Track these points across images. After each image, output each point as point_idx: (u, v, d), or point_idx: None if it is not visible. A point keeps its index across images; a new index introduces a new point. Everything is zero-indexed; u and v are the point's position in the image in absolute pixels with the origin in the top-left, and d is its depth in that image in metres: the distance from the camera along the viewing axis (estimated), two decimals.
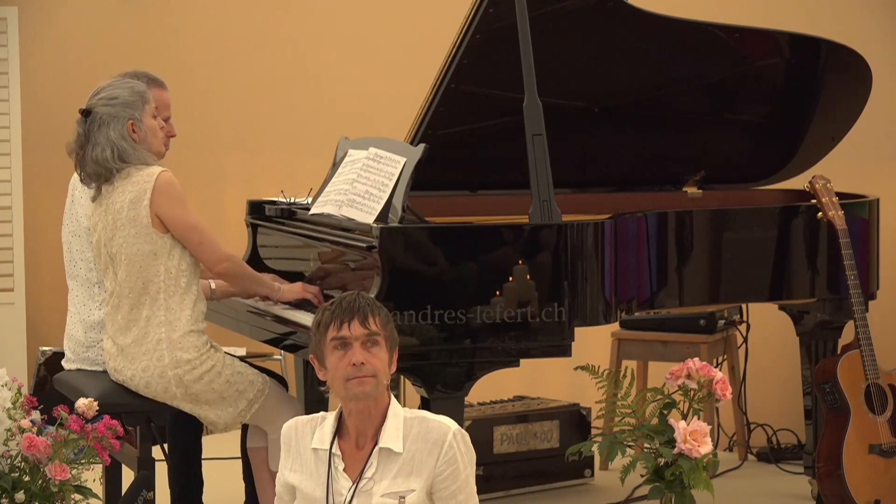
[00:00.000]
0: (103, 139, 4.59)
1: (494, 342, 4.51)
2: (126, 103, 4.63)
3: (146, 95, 4.67)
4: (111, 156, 4.57)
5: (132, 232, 4.55)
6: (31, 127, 6.94)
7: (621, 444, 4.38)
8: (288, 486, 3.60)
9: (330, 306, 3.55)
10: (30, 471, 3.98)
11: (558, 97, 5.26)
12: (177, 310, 4.55)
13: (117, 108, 4.61)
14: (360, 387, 3.49)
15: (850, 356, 5.20)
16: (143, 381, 4.55)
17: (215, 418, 4.63)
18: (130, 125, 4.61)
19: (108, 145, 4.58)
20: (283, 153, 7.21)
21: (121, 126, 4.60)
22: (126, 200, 4.55)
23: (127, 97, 4.64)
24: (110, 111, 4.61)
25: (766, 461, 6.39)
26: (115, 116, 4.60)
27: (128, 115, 4.61)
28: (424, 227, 4.64)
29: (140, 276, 4.54)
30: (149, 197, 4.53)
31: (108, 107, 4.61)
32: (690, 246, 5.08)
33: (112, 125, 4.60)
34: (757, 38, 5.61)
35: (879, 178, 6.52)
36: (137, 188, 4.54)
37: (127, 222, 4.55)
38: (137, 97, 4.65)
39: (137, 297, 4.56)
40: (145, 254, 4.54)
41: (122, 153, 4.58)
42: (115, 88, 4.65)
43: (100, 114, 4.61)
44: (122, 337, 4.59)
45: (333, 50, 7.21)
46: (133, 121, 4.61)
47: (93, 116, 4.61)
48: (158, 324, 4.54)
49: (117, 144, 4.58)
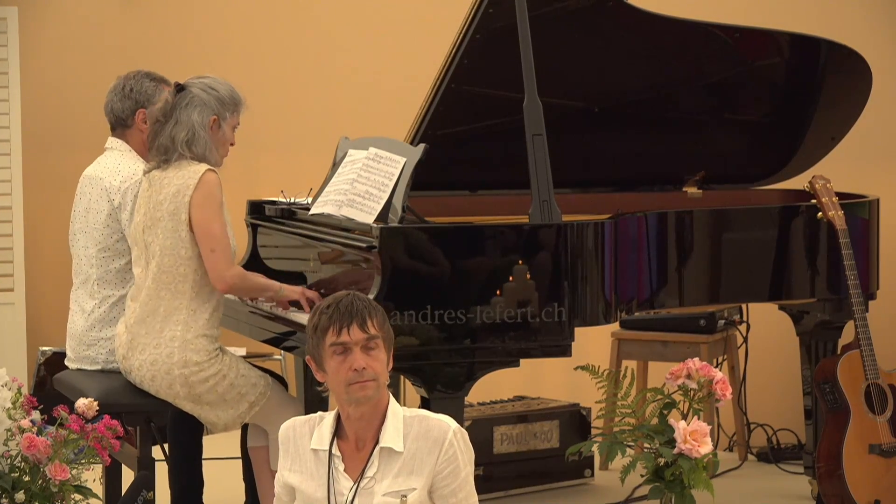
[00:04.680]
0: (186, 118, 4.60)
1: (494, 342, 4.51)
2: (221, 100, 4.65)
3: (240, 105, 4.71)
4: (184, 138, 4.58)
5: (170, 226, 4.56)
6: (31, 127, 6.93)
7: (621, 444, 4.38)
8: (287, 486, 3.60)
9: (326, 309, 3.50)
10: (30, 471, 3.97)
11: (558, 97, 5.26)
12: (197, 312, 4.57)
13: (212, 99, 4.63)
14: (362, 391, 3.48)
15: (850, 356, 5.20)
16: (148, 374, 4.56)
17: (215, 419, 4.63)
18: (214, 120, 4.63)
19: (187, 126, 4.59)
20: (283, 153, 7.20)
21: (206, 115, 4.61)
22: (170, 193, 4.57)
23: (225, 95, 4.66)
24: (204, 97, 4.62)
25: (766, 461, 6.39)
26: (206, 104, 4.62)
27: (216, 110, 4.63)
28: (424, 227, 4.64)
29: (170, 270, 4.56)
30: (190, 192, 4.55)
31: (205, 93, 4.63)
32: (690, 246, 5.08)
33: (200, 110, 4.60)
34: (757, 38, 5.61)
35: (879, 178, 6.52)
36: (182, 182, 4.56)
37: (167, 215, 4.57)
38: (232, 102, 4.68)
39: (161, 290, 4.57)
40: (178, 249, 4.55)
41: (193, 140, 4.59)
42: (217, 82, 4.67)
43: (193, 94, 4.62)
44: (137, 326, 4.59)
45: (334, 49, 7.21)
46: (218, 117, 4.63)
47: (185, 93, 4.62)
48: (176, 322, 4.56)
49: (195, 130, 4.59)
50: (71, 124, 7.07)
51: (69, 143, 7.00)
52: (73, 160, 5.79)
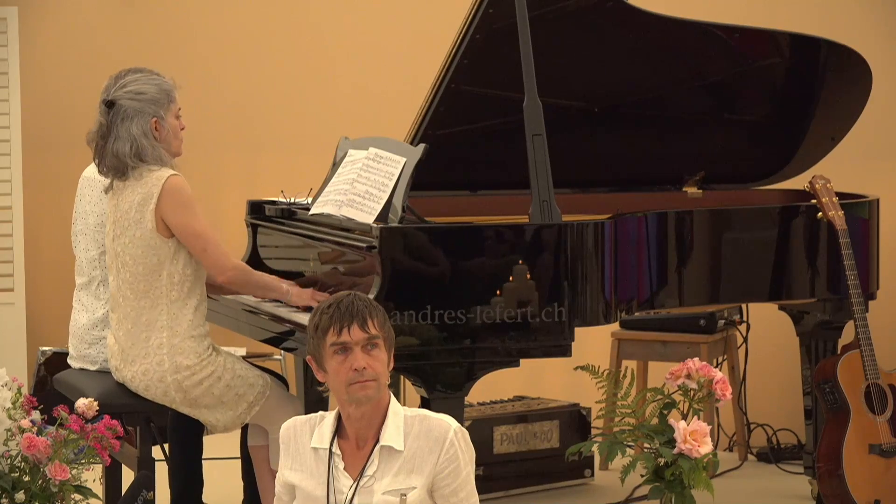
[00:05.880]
0: (125, 133, 4.54)
1: (494, 342, 4.51)
2: (153, 100, 4.58)
3: (172, 94, 4.62)
4: (129, 151, 4.53)
5: (137, 234, 4.54)
6: (31, 127, 6.93)
7: (621, 444, 4.38)
8: (287, 485, 3.60)
9: (327, 309, 3.51)
10: (30, 471, 3.97)
11: (558, 97, 5.26)
12: (178, 314, 4.54)
13: (143, 104, 4.56)
14: (363, 391, 3.48)
15: (850, 356, 5.20)
16: (142, 384, 4.55)
17: (215, 421, 4.63)
18: (154, 123, 4.57)
19: (128, 140, 4.53)
20: (283, 153, 7.20)
21: (144, 122, 4.55)
22: (134, 202, 4.54)
23: (154, 94, 4.59)
24: (135, 106, 4.56)
25: (766, 461, 6.39)
26: (140, 112, 4.55)
27: (152, 112, 4.57)
28: (424, 227, 4.64)
29: (143, 278, 4.54)
30: (155, 200, 4.51)
31: (134, 101, 4.56)
32: (690, 246, 5.08)
33: (136, 120, 4.54)
34: (757, 38, 5.61)
35: (879, 178, 6.52)
36: (145, 190, 4.53)
37: (132, 224, 4.54)
38: (164, 95, 4.60)
39: (139, 299, 4.55)
40: (148, 257, 4.53)
41: (140, 150, 4.53)
42: (141, 83, 4.59)
43: (124, 107, 4.55)
44: (124, 338, 4.59)
45: (333, 50, 7.21)
46: (157, 118, 4.58)
47: (116, 108, 4.55)
48: (160, 328, 4.54)
49: (138, 141, 4.53)
50: (71, 124, 7.04)
51: (69, 143, 6.97)
52: (73, 160, 5.79)
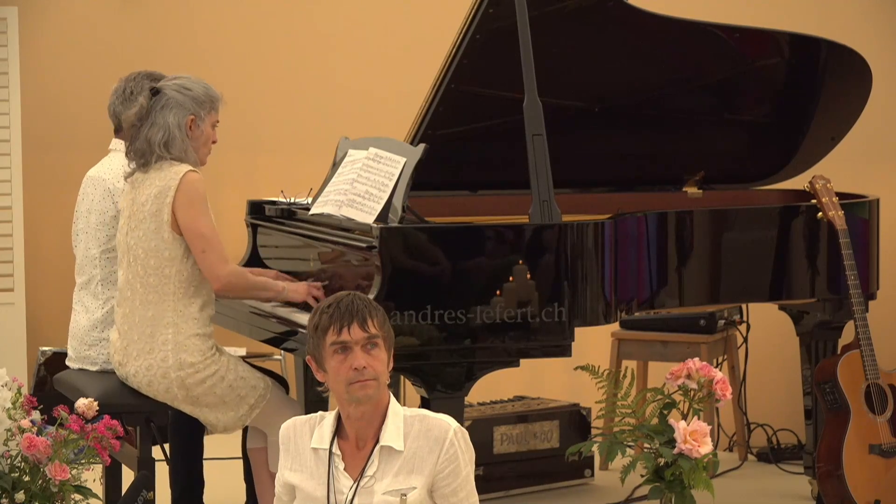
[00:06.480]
0: (161, 121, 4.59)
1: (494, 342, 4.51)
2: (196, 99, 4.63)
3: (216, 103, 4.68)
4: (160, 140, 4.57)
5: (152, 227, 4.55)
6: (31, 127, 6.93)
7: (621, 444, 4.38)
8: (287, 485, 3.60)
9: (327, 309, 3.51)
10: (30, 471, 3.97)
11: (558, 97, 5.26)
12: (185, 312, 4.55)
13: (187, 99, 4.62)
14: (363, 390, 3.48)
15: (850, 356, 5.20)
16: (145, 380, 4.55)
17: (215, 421, 4.63)
18: (191, 120, 4.62)
19: (163, 128, 4.58)
20: (283, 153, 7.20)
21: (182, 116, 4.60)
22: (151, 194, 4.56)
23: (200, 94, 4.64)
24: (179, 98, 4.61)
25: (766, 461, 6.39)
26: (182, 105, 4.60)
27: (192, 110, 4.62)
28: (424, 227, 4.64)
29: (154, 272, 4.55)
30: (172, 194, 4.54)
31: (179, 94, 4.61)
32: (690, 246, 5.08)
33: (175, 111, 4.59)
34: (757, 38, 5.61)
35: (879, 178, 6.52)
36: (163, 183, 4.55)
37: (148, 216, 4.56)
38: (209, 100, 4.66)
39: (148, 293, 4.56)
40: (161, 251, 4.54)
41: (170, 141, 4.57)
42: (191, 82, 4.66)
43: (168, 96, 4.61)
44: (129, 333, 4.59)
45: (334, 50, 7.21)
46: (195, 117, 4.62)
47: (160, 96, 4.61)
48: (166, 324, 4.55)
49: (171, 131, 4.58)
50: (71, 124, 7.06)
51: (69, 143, 7.00)
52: (73, 160, 5.81)
